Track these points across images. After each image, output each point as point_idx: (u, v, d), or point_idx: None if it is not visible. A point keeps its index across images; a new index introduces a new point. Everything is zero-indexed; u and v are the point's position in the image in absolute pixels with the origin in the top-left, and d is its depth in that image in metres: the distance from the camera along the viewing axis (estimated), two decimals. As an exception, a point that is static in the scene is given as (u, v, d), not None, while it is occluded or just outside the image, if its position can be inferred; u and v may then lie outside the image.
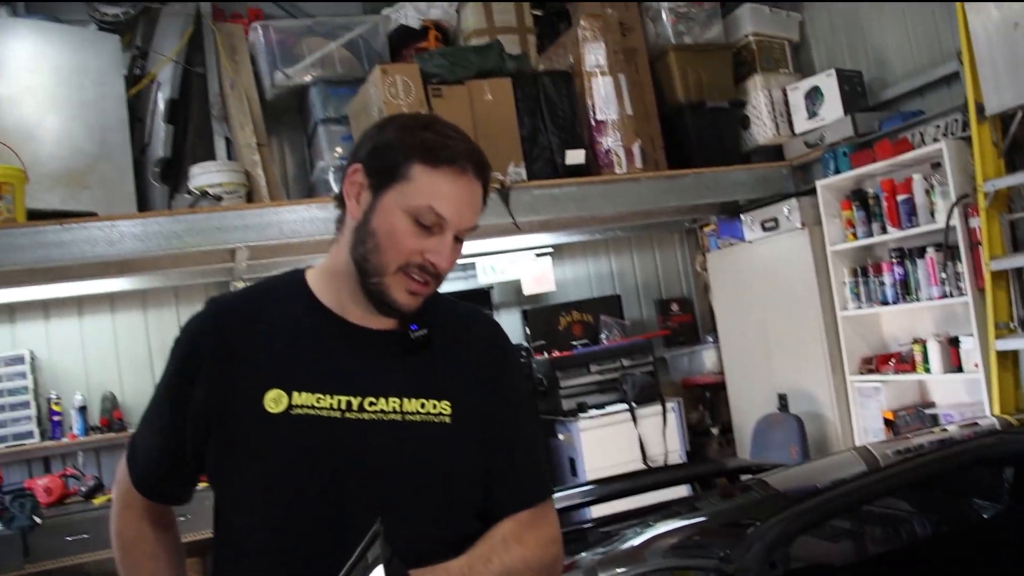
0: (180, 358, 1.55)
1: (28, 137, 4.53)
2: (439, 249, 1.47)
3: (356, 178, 1.51)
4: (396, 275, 1.48)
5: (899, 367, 4.67)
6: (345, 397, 1.48)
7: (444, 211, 1.46)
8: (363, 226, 1.49)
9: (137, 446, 1.61)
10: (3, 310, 5.04)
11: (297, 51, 5.33)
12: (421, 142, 1.47)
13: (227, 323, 1.55)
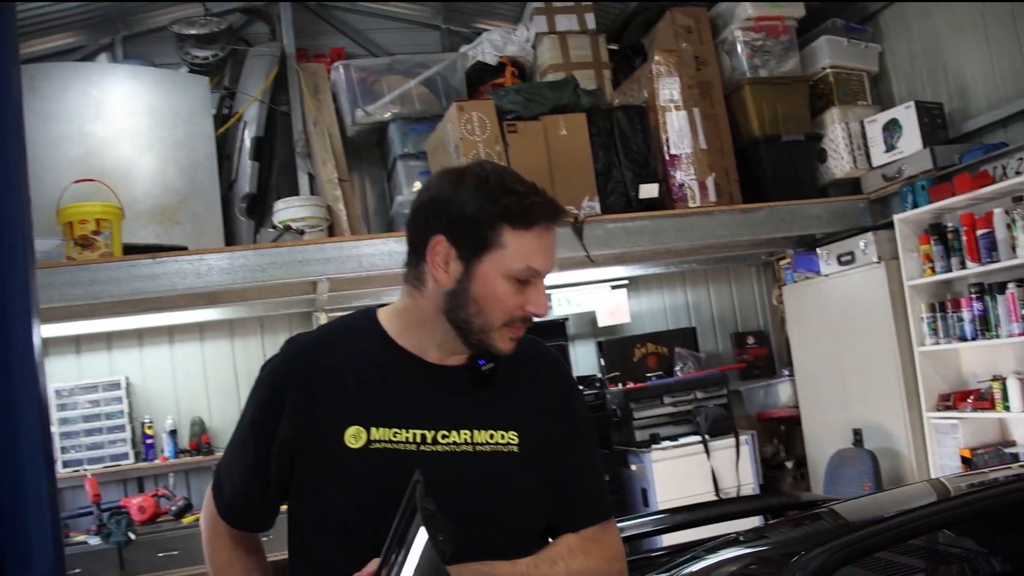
0: (264, 396, 1.66)
1: (125, 176, 4.95)
2: (538, 299, 1.61)
3: (440, 249, 1.58)
4: (500, 330, 1.60)
5: (977, 404, 4.73)
6: (420, 431, 1.60)
7: (540, 266, 1.59)
8: (460, 293, 1.58)
9: (222, 480, 1.74)
10: (101, 338, 5.47)
11: (377, 89, 5.68)
12: (506, 209, 1.56)
13: (308, 362, 1.66)
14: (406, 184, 5.55)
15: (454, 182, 1.62)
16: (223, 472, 1.74)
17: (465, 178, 1.62)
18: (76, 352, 5.47)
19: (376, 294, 5.55)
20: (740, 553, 2.40)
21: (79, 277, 4.43)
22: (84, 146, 4.93)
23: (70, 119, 4.95)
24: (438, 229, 1.59)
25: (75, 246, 4.53)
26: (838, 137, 5.58)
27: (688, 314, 6.70)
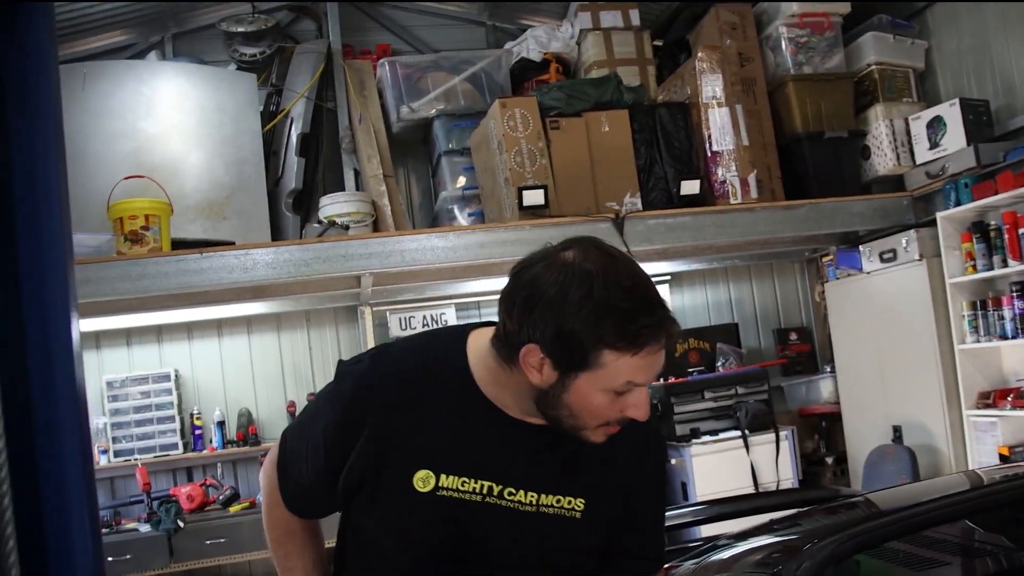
0: (341, 417, 1.63)
1: (173, 172, 5.18)
2: (638, 404, 1.52)
3: (532, 359, 1.50)
4: (596, 430, 1.54)
5: (1017, 402, 4.81)
6: (488, 483, 1.59)
7: (642, 380, 1.49)
8: (553, 397, 1.52)
9: (289, 468, 1.74)
10: (152, 331, 5.74)
11: (422, 85, 5.87)
12: (609, 334, 1.45)
13: (390, 394, 1.62)
14: (450, 180, 5.74)
15: (558, 284, 1.48)
16: (290, 460, 1.74)
17: (569, 285, 1.47)
18: (127, 345, 5.73)
19: (420, 288, 5.75)
20: (769, 542, 2.56)
21: (129, 271, 4.64)
22: (135, 142, 5.15)
23: (122, 116, 5.17)
24: (534, 338, 1.50)
25: (125, 241, 4.73)
26: (882, 134, 5.66)
27: (731, 310, 6.82)
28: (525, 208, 5.08)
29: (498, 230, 5.10)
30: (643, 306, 1.47)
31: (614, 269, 1.49)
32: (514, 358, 1.54)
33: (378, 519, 1.64)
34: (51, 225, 0.80)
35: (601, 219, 5.23)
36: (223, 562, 5.21)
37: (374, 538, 1.68)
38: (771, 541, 2.55)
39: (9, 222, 0.75)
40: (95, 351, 5.66)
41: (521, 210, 5.08)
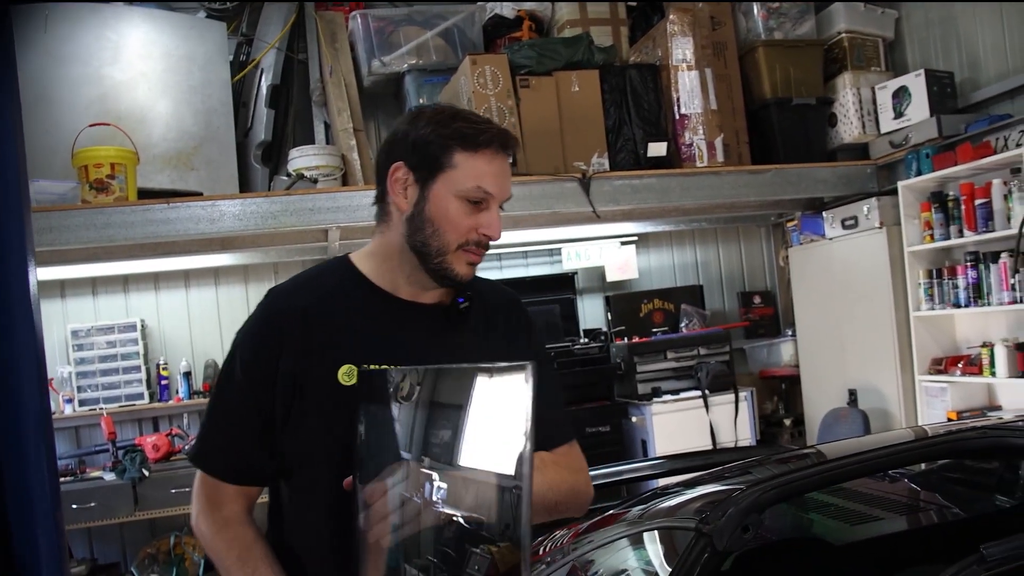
0: (260, 340, 1.75)
1: (140, 120, 5.14)
2: (491, 221, 1.73)
3: (399, 175, 1.74)
4: (456, 252, 1.73)
5: (966, 369, 4.99)
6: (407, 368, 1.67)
7: (490, 187, 1.72)
8: (417, 216, 1.73)
9: (215, 445, 1.79)
10: (118, 281, 5.76)
11: (395, 39, 5.86)
12: (456, 132, 1.71)
13: (298, 305, 1.76)
14: (420, 135, 5.76)
15: (412, 117, 1.79)
16: (214, 436, 1.80)
17: (422, 112, 1.79)
18: (93, 294, 5.75)
19: (386, 243, 5.79)
20: (715, 489, 2.66)
21: (93, 220, 4.66)
22: (100, 89, 5.09)
23: (87, 61, 5.09)
24: (397, 157, 1.75)
25: (90, 189, 4.73)
26: (848, 102, 5.77)
27: (696, 272, 6.94)
28: (493, 166, 5.11)
29: (466, 187, 5.13)
30: (484, 119, 1.77)
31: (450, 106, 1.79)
32: (387, 206, 1.79)
33: (312, 429, 1.71)
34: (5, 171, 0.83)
35: (568, 178, 5.30)
36: (188, 511, 5.25)
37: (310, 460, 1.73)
38: (715, 489, 2.65)
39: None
40: (60, 300, 5.70)
41: (489, 168, 5.11)
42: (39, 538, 0.83)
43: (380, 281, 1.81)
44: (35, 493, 0.84)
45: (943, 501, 2.90)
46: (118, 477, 5.15)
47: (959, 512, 2.71)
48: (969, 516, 2.62)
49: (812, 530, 2.61)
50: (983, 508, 2.75)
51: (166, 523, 5.43)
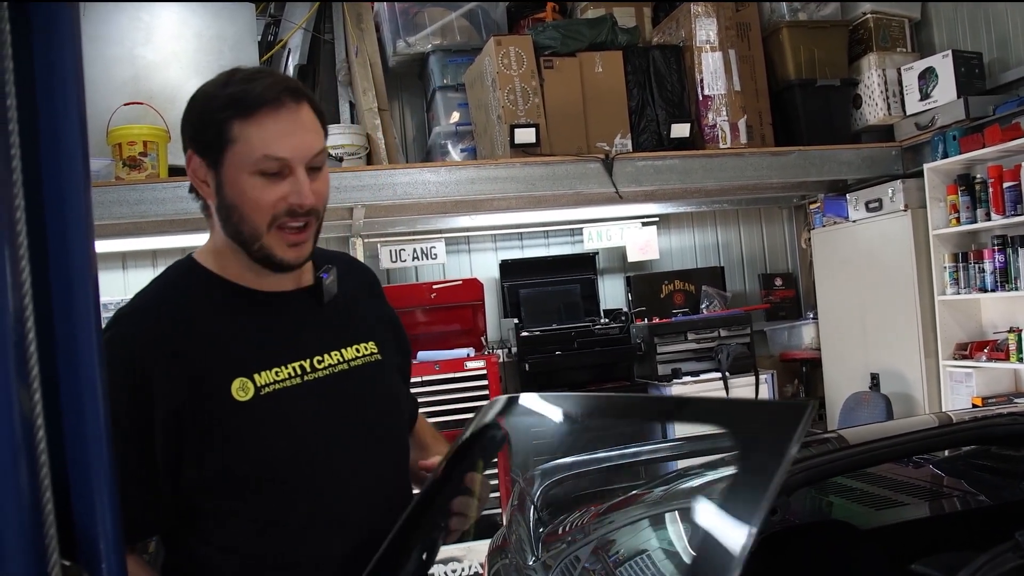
0: (122, 386, 1.44)
1: (171, 99, 5.14)
2: (296, 188, 1.51)
3: (193, 165, 1.55)
4: (271, 233, 1.53)
5: (992, 355, 4.92)
6: (297, 363, 1.58)
7: (280, 151, 1.49)
8: (222, 205, 1.53)
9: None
10: (147, 256, 5.74)
11: (419, 20, 5.85)
12: (227, 100, 1.49)
13: (158, 330, 1.53)
14: (444, 115, 5.76)
15: (195, 93, 1.58)
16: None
17: (201, 87, 1.57)
18: (123, 268, 5.77)
19: (411, 221, 5.79)
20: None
21: (126, 196, 4.68)
22: (133, 69, 5.12)
23: (120, 42, 5.12)
24: (186, 144, 1.57)
25: (123, 167, 4.77)
26: (874, 83, 5.69)
27: (717, 253, 6.89)
28: (517, 146, 5.12)
29: (489, 166, 5.15)
30: (256, 74, 1.52)
31: (227, 71, 1.56)
32: (204, 208, 1.62)
33: (216, 457, 1.51)
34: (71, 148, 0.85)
35: (591, 159, 5.27)
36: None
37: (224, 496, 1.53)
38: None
39: (34, 148, 0.80)
40: (90, 274, 5.67)
41: (513, 147, 5.12)
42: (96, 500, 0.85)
43: (235, 278, 1.62)
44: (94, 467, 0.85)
45: (969, 487, 2.88)
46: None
47: (985, 499, 2.70)
48: (996, 503, 2.61)
49: (837, 514, 2.60)
50: (1010, 495, 2.73)
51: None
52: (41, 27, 0.80)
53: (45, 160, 0.82)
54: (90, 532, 0.84)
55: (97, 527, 0.84)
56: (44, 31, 0.80)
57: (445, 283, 5.79)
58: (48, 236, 0.81)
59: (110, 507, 0.88)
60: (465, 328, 5.75)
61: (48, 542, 0.73)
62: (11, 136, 0.72)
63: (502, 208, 5.65)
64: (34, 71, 0.80)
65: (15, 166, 0.71)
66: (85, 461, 0.86)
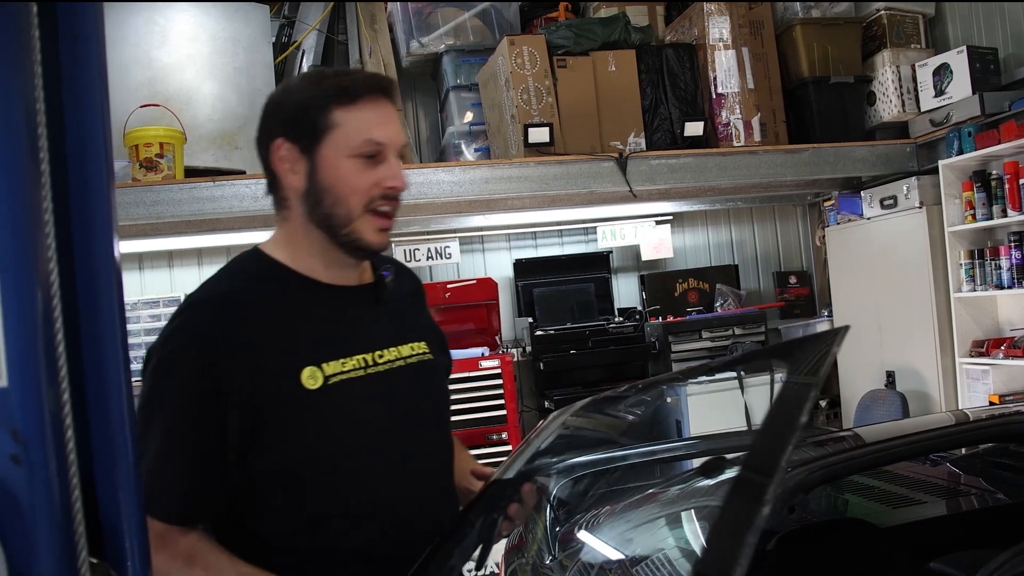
0: (195, 367, 1.51)
1: (187, 101, 5.20)
2: (392, 172, 1.61)
3: (282, 153, 1.61)
4: (363, 217, 1.60)
5: (1009, 352, 4.89)
6: (361, 356, 1.63)
7: (380, 136, 1.59)
8: (313, 189, 1.60)
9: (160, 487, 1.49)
10: (163, 256, 5.81)
11: (432, 21, 5.86)
12: (329, 88, 1.59)
13: (230, 318, 1.56)
14: (458, 115, 5.77)
15: (281, 90, 1.69)
16: (157, 477, 1.49)
17: (289, 82, 1.70)
18: (139, 269, 5.80)
19: (425, 221, 5.80)
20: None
21: (142, 198, 4.70)
22: (150, 71, 5.14)
23: (137, 44, 5.14)
24: (276, 133, 1.63)
25: (140, 168, 4.78)
26: (888, 80, 5.66)
27: (731, 251, 6.88)
28: (530, 145, 5.12)
29: (503, 166, 5.15)
30: (351, 70, 1.72)
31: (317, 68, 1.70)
32: (281, 189, 1.65)
33: (284, 444, 1.54)
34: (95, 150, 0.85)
35: (605, 158, 5.26)
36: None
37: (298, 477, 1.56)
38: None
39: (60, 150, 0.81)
40: (107, 275, 5.71)
41: (527, 147, 5.12)
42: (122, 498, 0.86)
43: (304, 269, 1.67)
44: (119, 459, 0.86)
45: (987, 486, 2.87)
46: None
47: (1004, 497, 2.68)
48: (1015, 501, 2.59)
49: (854, 512, 2.59)
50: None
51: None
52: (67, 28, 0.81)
53: (72, 161, 0.82)
54: (117, 530, 0.85)
55: (123, 524, 0.85)
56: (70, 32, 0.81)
57: (459, 282, 5.80)
58: (73, 238, 0.82)
59: (136, 505, 0.88)
60: (479, 327, 5.76)
61: (78, 540, 0.74)
62: (40, 140, 0.73)
63: (516, 207, 5.65)
64: (61, 71, 0.81)
65: (44, 169, 0.72)
66: (111, 460, 0.87)
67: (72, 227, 0.81)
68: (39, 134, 0.74)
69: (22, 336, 0.73)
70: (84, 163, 0.83)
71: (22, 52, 0.74)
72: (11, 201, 0.72)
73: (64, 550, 0.73)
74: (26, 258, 0.72)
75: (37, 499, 0.71)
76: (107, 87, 0.85)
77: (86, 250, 0.83)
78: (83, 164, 0.83)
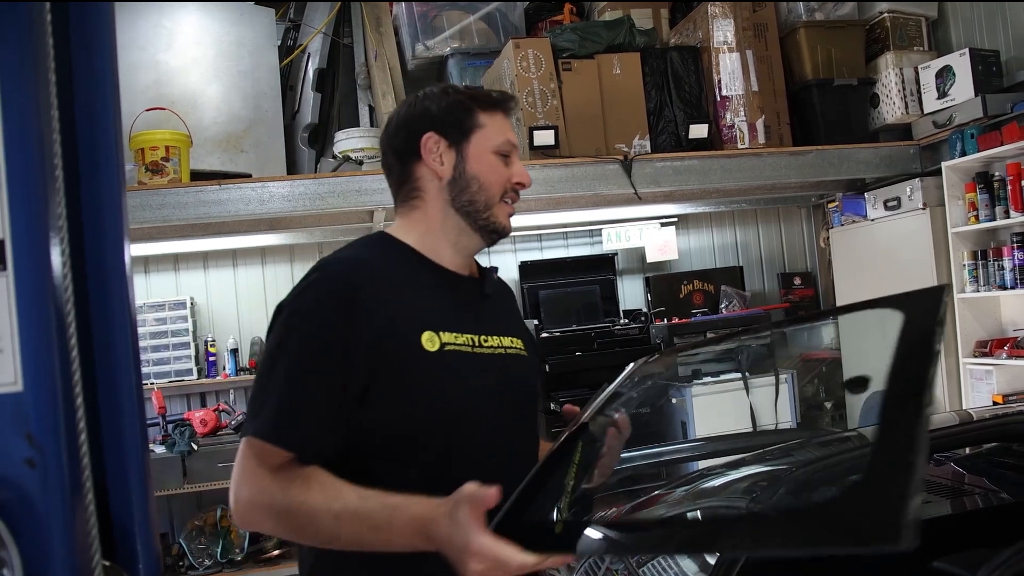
0: (327, 312, 1.61)
1: (193, 104, 5.21)
2: (522, 170, 1.88)
3: (431, 145, 1.81)
4: (499, 204, 1.84)
5: (1013, 352, 4.89)
6: (470, 335, 1.75)
7: (513, 138, 1.87)
8: (460, 177, 1.81)
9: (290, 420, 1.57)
10: (169, 260, 5.82)
11: (438, 24, 5.87)
12: (473, 96, 1.85)
13: (364, 273, 1.70)
14: (463, 118, 5.77)
15: (418, 97, 1.88)
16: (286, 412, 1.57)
17: (426, 91, 1.88)
18: (145, 272, 5.82)
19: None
20: (758, 470, 2.66)
21: (149, 201, 4.70)
22: (156, 75, 5.15)
23: (143, 48, 5.16)
24: (426, 128, 1.82)
25: (146, 171, 4.79)
26: (891, 82, 5.66)
27: (736, 253, 6.88)
28: (536, 148, 5.13)
29: (508, 169, 5.14)
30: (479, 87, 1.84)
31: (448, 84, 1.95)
32: (417, 181, 1.84)
33: (398, 398, 1.63)
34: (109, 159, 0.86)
35: (610, 160, 5.27)
36: (235, 484, 5.35)
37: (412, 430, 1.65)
38: (759, 471, 2.64)
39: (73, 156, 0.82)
40: (114, 278, 5.73)
41: (532, 150, 5.13)
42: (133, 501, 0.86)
43: (426, 252, 1.83)
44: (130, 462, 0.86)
45: (991, 485, 2.87)
46: (168, 450, 5.21)
47: (1007, 496, 2.69)
48: (1018, 500, 2.60)
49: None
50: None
51: (212, 496, 5.50)
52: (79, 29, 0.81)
53: (84, 170, 0.83)
54: (129, 533, 0.85)
55: (135, 528, 0.86)
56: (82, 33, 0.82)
57: (465, 284, 5.79)
58: (86, 245, 0.83)
59: (145, 508, 0.89)
60: (485, 329, 5.75)
61: (91, 543, 0.75)
62: (55, 147, 0.73)
63: (521, 210, 5.57)
64: (73, 80, 0.81)
65: (58, 175, 0.73)
66: (123, 464, 0.87)
67: (84, 235, 0.81)
68: (53, 142, 0.75)
69: (37, 341, 0.73)
70: (97, 172, 0.84)
71: (36, 61, 0.75)
72: (27, 209, 0.73)
73: (78, 553, 0.73)
74: (41, 265, 0.73)
75: (51, 502, 0.72)
76: (119, 96, 0.86)
77: (98, 257, 0.84)
78: (96, 173, 0.84)
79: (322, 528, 1.51)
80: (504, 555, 1.35)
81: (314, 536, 1.55)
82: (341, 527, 1.50)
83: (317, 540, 1.56)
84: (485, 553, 1.36)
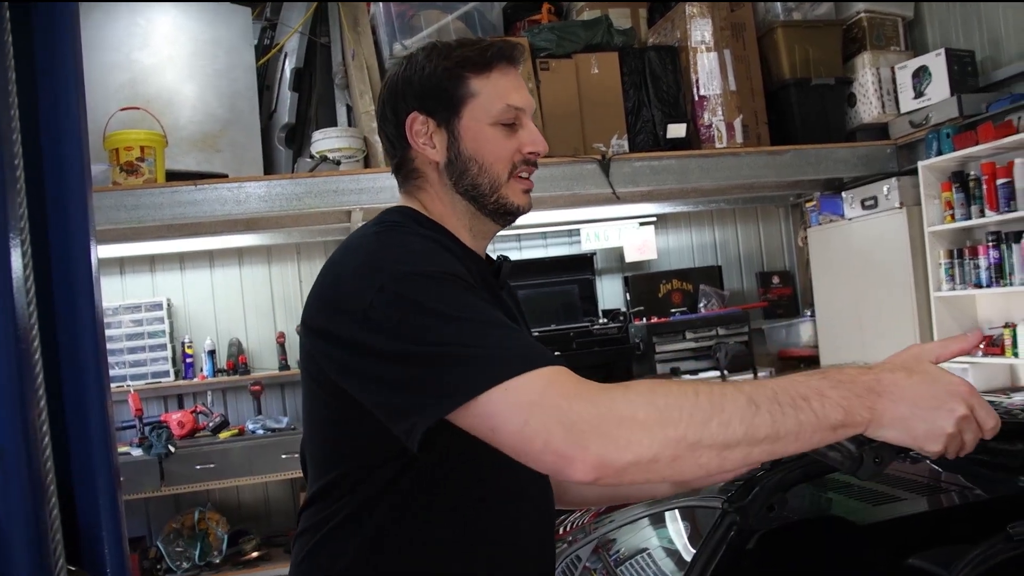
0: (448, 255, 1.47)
1: (168, 104, 5.15)
2: (533, 137, 1.60)
3: (417, 126, 1.57)
4: (509, 182, 1.58)
5: (988, 350, 4.93)
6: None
7: (518, 102, 1.57)
8: (456, 159, 1.57)
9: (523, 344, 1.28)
10: (145, 261, 5.79)
11: (415, 23, 5.84)
12: (462, 58, 1.55)
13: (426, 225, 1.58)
14: (440, 118, 5.76)
15: (406, 63, 1.61)
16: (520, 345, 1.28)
17: (413, 55, 1.61)
18: (120, 273, 5.78)
19: (408, 225, 5.79)
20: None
21: (123, 201, 4.68)
22: (130, 73, 5.09)
23: (117, 47, 5.09)
24: (409, 107, 1.58)
25: (120, 172, 4.74)
26: (868, 82, 5.69)
27: (715, 252, 6.91)
28: (514, 148, 5.11)
29: (487, 169, 5.13)
30: (479, 39, 1.60)
31: (440, 41, 1.61)
32: (414, 166, 1.61)
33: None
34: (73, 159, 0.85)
35: (588, 160, 5.28)
36: (212, 487, 5.35)
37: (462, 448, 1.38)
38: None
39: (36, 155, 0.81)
40: (88, 279, 5.69)
41: (510, 150, 5.11)
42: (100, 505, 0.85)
43: (452, 230, 1.63)
44: (97, 464, 0.85)
45: (965, 483, 2.89)
46: (145, 453, 5.18)
47: (981, 493, 2.70)
48: (993, 497, 2.61)
49: (835, 510, 2.61)
50: (1007, 489, 2.74)
51: (190, 499, 5.48)
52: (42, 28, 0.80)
53: (48, 166, 0.82)
54: (95, 537, 0.84)
55: (102, 532, 0.85)
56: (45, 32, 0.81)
57: (443, 285, 5.78)
58: (50, 242, 0.82)
59: (113, 512, 0.88)
60: (464, 329, 5.74)
61: (54, 547, 0.74)
62: (15, 146, 0.72)
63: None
64: (35, 75, 0.80)
65: (18, 176, 0.72)
66: (90, 468, 0.87)
67: (49, 236, 0.80)
68: (14, 142, 0.74)
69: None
70: (62, 173, 0.83)
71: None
72: (-15, 210, 0.72)
73: (40, 558, 0.73)
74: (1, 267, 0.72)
75: (12, 507, 0.70)
76: (84, 96, 0.85)
77: (64, 259, 0.83)
78: (61, 174, 0.83)
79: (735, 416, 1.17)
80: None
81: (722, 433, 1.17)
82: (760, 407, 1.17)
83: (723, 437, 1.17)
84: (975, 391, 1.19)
